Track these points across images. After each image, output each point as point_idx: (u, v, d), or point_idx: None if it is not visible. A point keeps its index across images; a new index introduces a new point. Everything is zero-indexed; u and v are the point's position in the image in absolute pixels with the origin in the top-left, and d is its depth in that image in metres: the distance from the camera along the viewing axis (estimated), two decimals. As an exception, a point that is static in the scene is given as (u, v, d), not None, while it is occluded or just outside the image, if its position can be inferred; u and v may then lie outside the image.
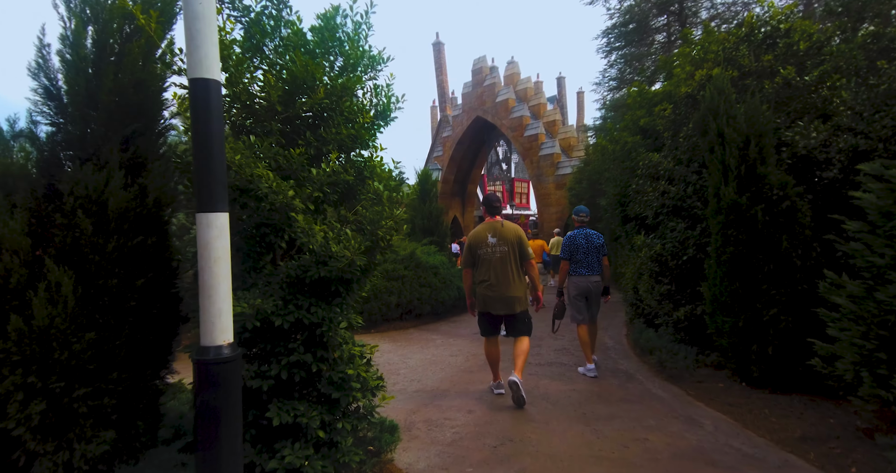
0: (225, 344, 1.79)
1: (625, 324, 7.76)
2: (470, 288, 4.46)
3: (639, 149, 6.64)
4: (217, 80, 1.75)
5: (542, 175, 21.09)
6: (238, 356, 1.85)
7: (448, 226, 10.60)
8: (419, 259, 8.41)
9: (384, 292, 7.46)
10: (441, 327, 7.92)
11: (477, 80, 24.53)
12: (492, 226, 4.26)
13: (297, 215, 2.25)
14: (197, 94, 1.70)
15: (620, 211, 7.56)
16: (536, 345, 6.43)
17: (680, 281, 5.35)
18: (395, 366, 5.48)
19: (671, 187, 5.33)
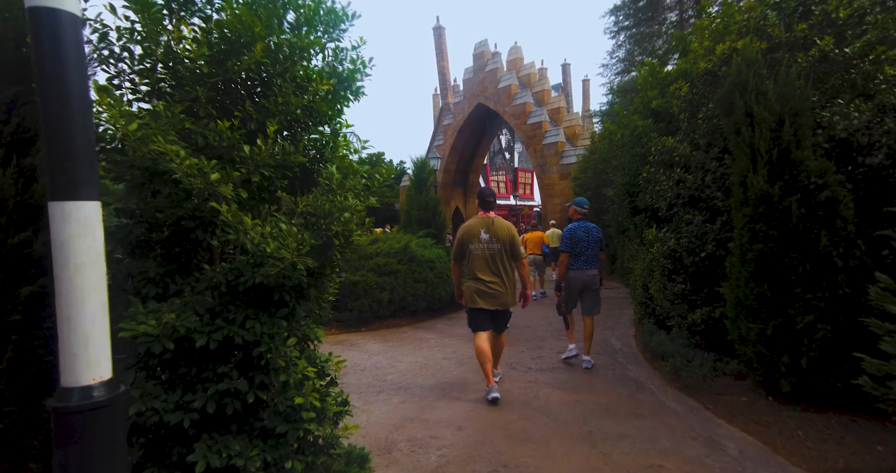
0: (95, 382, 1.30)
1: (632, 324, 7.26)
2: (458, 280, 4.44)
3: (650, 133, 6.08)
4: (74, 14, 1.23)
5: (545, 164, 20.48)
6: (120, 397, 1.35)
7: (446, 218, 10.08)
8: (413, 252, 7.90)
9: (375, 288, 6.97)
10: (436, 325, 7.44)
11: (478, 66, 23.82)
12: (485, 221, 4.22)
13: (222, 205, 1.74)
14: (41, 31, 1.18)
15: (629, 202, 7.01)
16: (537, 347, 5.95)
17: (696, 281, 4.83)
18: (383, 371, 5.00)
19: (687, 175, 4.79)
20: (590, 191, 13.49)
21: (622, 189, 7.23)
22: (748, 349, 3.84)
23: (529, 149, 21.35)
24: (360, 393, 4.33)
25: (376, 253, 7.66)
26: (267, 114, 2.09)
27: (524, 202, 35.39)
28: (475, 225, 4.23)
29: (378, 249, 7.78)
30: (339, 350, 5.86)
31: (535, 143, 20.90)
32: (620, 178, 7.20)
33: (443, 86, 30.04)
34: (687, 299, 4.93)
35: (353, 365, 5.19)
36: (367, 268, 7.25)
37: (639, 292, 6.37)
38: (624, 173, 7.19)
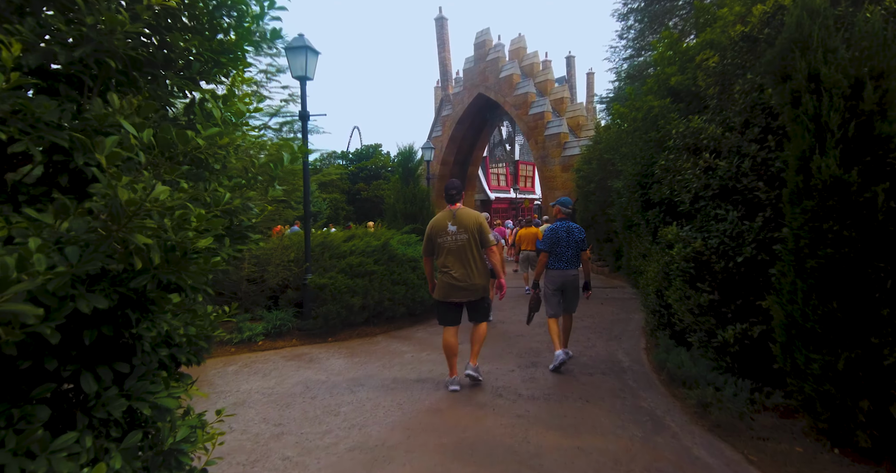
0: None
1: (642, 333, 6.33)
2: (431, 274, 4.47)
3: (669, 115, 5.13)
4: None
5: (547, 156, 19.49)
6: None
7: (434, 211, 9.14)
8: (393, 251, 6.97)
9: (345, 292, 6.04)
10: (416, 333, 6.52)
11: (479, 55, 22.78)
12: (450, 213, 4.25)
13: None
14: None
15: (640, 194, 6.06)
16: (531, 364, 5.02)
17: (728, 290, 3.89)
18: (338, 400, 4.08)
19: (719, 162, 3.84)
20: (593, 184, 12.52)
21: (633, 180, 6.27)
22: (807, 385, 2.91)
23: (530, 141, 20.35)
24: (299, 433, 3.41)
25: (350, 252, 6.73)
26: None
27: (525, 195, 34.38)
28: (441, 218, 4.28)
29: (353, 247, 6.85)
30: (292, 368, 4.94)
31: (536, 135, 19.90)
32: (631, 168, 6.25)
33: (444, 78, 29.07)
34: (716, 312, 4.00)
35: (304, 391, 4.27)
36: (337, 269, 6.33)
37: (651, 299, 5.44)
38: (635, 162, 6.23)
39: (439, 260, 4.25)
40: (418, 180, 8.97)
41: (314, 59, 5.81)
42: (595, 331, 6.52)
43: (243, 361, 5.15)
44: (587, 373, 4.72)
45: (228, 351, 5.43)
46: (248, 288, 6.07)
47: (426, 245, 4.33)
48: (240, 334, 5.52)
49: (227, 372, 4.81)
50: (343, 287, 6.01)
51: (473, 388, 4.32)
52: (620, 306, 8.42)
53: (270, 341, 5.75)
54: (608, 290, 10.41)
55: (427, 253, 4.38)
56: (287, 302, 6.17)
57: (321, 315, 5.86)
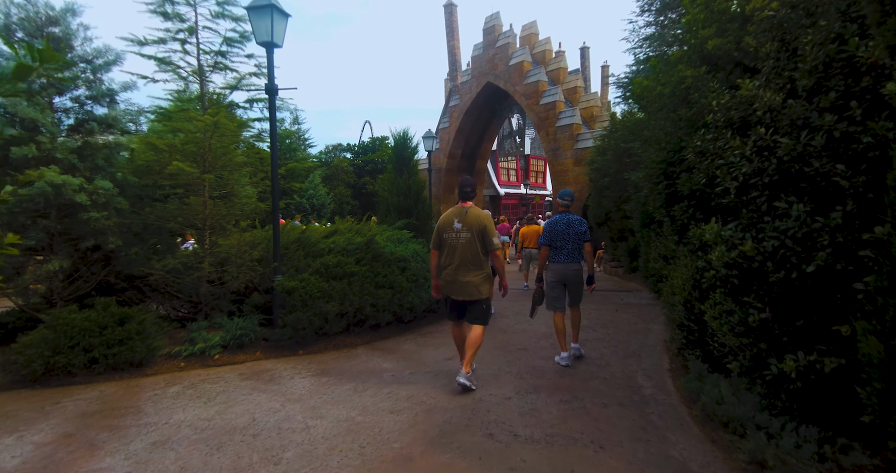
0: None
1: (665, 349, 5.42)
2: (435, 269, 4.43)
3: (705, 86, 4.21)
4: None
5: (558, 149, 18.49)
6: None
7: (431, 205, 8.27)
8: (379, 249, 6.12)
9: (318, 297, 5.20)
10: (403, 344, 5.68)
11: (489, 41, 21.78)
12: (459, 211, 4.25)
13: None
14: None
15: (665, 185, 5.13)
16: (533, 390, 4.16)
17: (786, 308, 2.98)
18: (286, 439, 3.25)
19: (781, 139, 2.92)
20: (608, 177, 11.55)
21: (655, 169, 5.34)
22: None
23: (541, 132, 19.35)
24: (219, 493, 2.59)
25: (328, 250, 5.90)
26: None
27: (536, 191, 33.31)
28: (451, 214, 4.27)
29: (333, 244, 6.01)
30: (245, 390, 4.12)
31: (547, 125, 18.90)
32: (655, 154, 5.31)
33: (452, 68, 28.13)
34: (768, 335, 3.09)
35: (249, 425, 3.45)
36: (311, 270, 5.49)
37: (678, 311, 4.53)
38: (659, 147, 5.30)
39: (443, 255, 4.28)
40: (414, 170, 8.08)
41: (282, 21, 4.97)
42: (609, 345, 5.62)
43: (190, 380, 4.35)
44: (601, 403, 3.84)
45: (177, 367, 4.63)
46: (209, 291, 5.27)
47: (434, 238, 4.36)
48: (191, 346, 4.71)
49: (166, 395, 4.01)
50: (315, 291, 5.18)
51: (460, 419, 3.47)
52: (637, 314, 7.50)
53: (230, 354, 4.94)
54: (623, 294, 9.47)
55: (434, 247, 4.38)
56: (252, 307, 5.36)
57: (289, 323, 5.04)
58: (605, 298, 9.02)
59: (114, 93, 4.99)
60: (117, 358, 4.20)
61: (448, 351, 5.38)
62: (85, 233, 4.58)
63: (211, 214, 5.32)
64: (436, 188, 24.14)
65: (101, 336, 4.14)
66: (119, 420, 3.49)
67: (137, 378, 4.35)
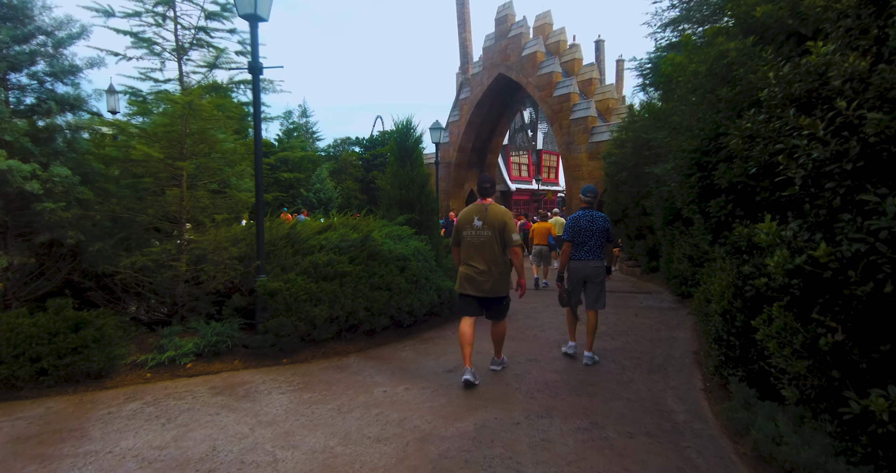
0: None
1: (695, 362, 4.80)
2: (458, 262, 4.35)
3: (751, 61, 3.57)
4: None
5: (572, 143, 17.78)
6: None
7: (436, 200, 7.69)
8: (375, 246, 5.56)
9: (303, 300, 4.65)
10: (401, 352, 5.12)
11: (501, 31, 21.08)
12: (479, 208, 4.22)
13: None
14: None
15: (699, 178, 4.49)
16: (545, 413, 3.57)
17: (870, 329, 2.36)
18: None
19: (870, 114, 2.29)
20: (626, 172, 10.87)
21: (686, 159, 4.69)
22: None
23: (554, 125, 18.65)
24: None
25: (319, 247, 5.35)
26: None
27: (548, 187, 32.54)
28: (470, 211, 4.25)
29: (325, 240, 5.46)
30: (211, 410, 3.59)
31: (561, 118, 18.19)
32: (685, 143, 4.66)
33: (463, 60, 27.51)
34: (843, 362, 2.47)
35: (205, 457, 2.90)
36: (298, 269, 4.95)
37: (715, 323, 3.91)
38: (692, 135, 4.65)
39: (463, 252, 4.25)
40: (417, 161, 7.50)
41: (266, -9, 4.42)
42: (630, 357, 5.01)
43: (154, 395, 3.83)
44: (626, 433, 3.24)
45: (142, 378, 4.12)
46: (186, 292, 4.75)
47: (454, 235, 4.35)
48: (160, 354, 4.19)
49: (121, 413, 3.49)
50: (301, 293, 4.63)
51: (458, 451, 2.90)
52: (659, 319, 6.86)
53: (204, 363, 4.42)
54: (641, 297, 8.81)
55: (454, 244, 4.38)
56: (233, 310, 4.82)
57: (270, 329, 4.50)
58: (624, 300, 8.38)
59: (77, 69, 4.47)
60: (70, 370, 3.70)
61: (450, 361, 4.81)
62: (40, 226, 4.08)
63: (189, 207, 4.79)
64: (444, 183, 23.55)
65: (50, 344, 3.64)
66: (55, 448, 2.97)
67: (94, 391, 3.84)
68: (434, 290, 6.11)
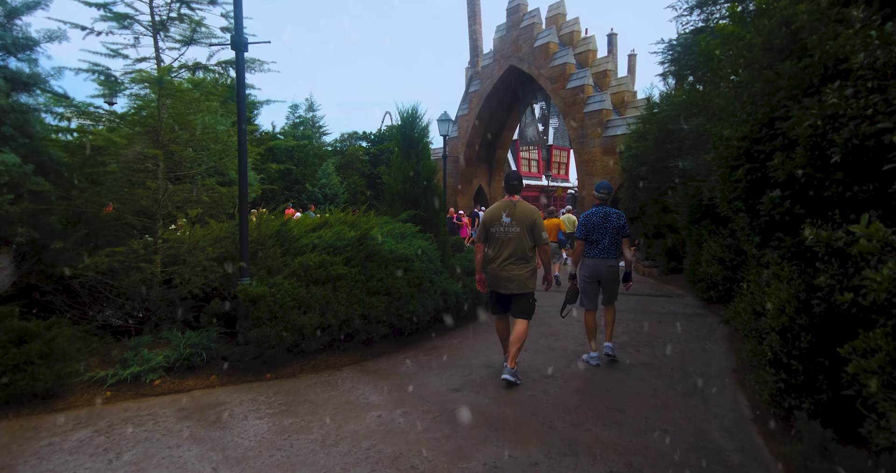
0: None
1: (738, 384, 4.18)
2: (480, 263, 4.33)
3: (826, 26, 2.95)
4: None
5: (586, 137, 17.08)
6: None
7: (442, 194, 7.09)
8: (374, 246, 4.99)
9: (291, 307, 4.09)
10: (400, 366, 4.55)
11: (512, 21, 20.37)
12: (507, 205, 4.18)
13: None
14: None
15: (748, 170, 3.86)
16: (569, 451, 2.99)
17: None
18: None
19: None
20: (645, 166, 10.20)
21: (733, 149, 4.06)
22: None
23: (567, 119, 17.95)
24: None
25: (312, 247, 4.79)
26: None
27: (558, 183, 31.82)
28: (498, 208, 4.20)
29: (319, 239, 4.90)
30: (171, 440, 3.03)
31: (574, 111, 17.48)
32: (732, 130, 4.03)
33: (473, 53, 26.86)
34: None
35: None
36: (286, 272, 4.39)
37: (772, 342, 3.30)
38: (738, 120, 4.02)
39: (490, 249, 4.24)
40: (423, 153, 6.91)
41: (245, -48, 3.86)
42: (661, 374, 4.40)
43: (109, 420, 3.29)
44: None
45: (101, 397, 3.58)
46: (159, 296, 4.21)
47: (480, 232, 4.32)
48: (122, 369, 3.65)
49: (64, 445, 2.95)
50: (288, 299, 4.07)
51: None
52: (686, 327, 6.23)
53: (176, 379, 3.87)
54: (663, 301, 8.17)
55: (480, 240, 4.34)
56: (212, 317, 4.28)
57: (252, 340, 3.94)
58: (644, 305, 7.76)
59: (34, 43, 3.91)
60: (11, 390, 3.17)
61: (456, 378, 4.24)
62: (-18, 221, 3.56)
63: (165, 201, 4.25)
64: (452, 178, 22.95)
65: (-14, 360, 3.12)
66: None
67: (41, 415, 3.31)
68: (439, 294, 5.53)
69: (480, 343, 5.41)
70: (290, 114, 25.70)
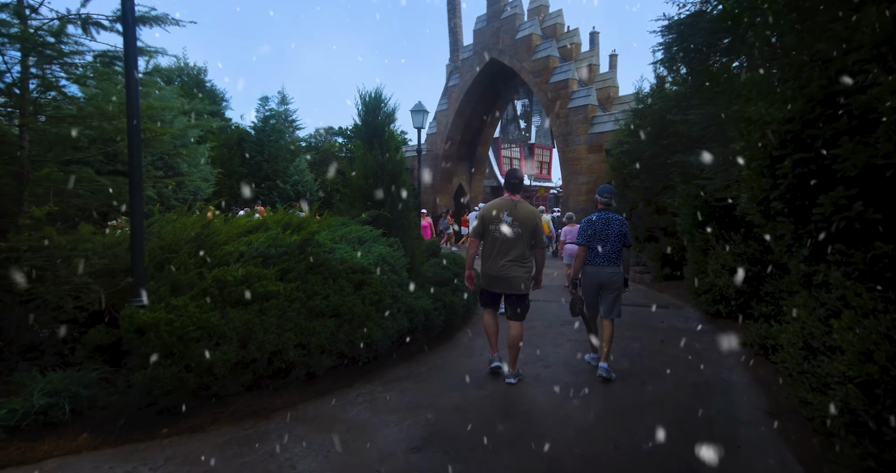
0: None
1: (779, 436, 3.29)
2: (472, 259, 4.24)
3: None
4: None
5: (570, 134, 16.28)
6: None
7: (410, 193, 6.09)
8: (320, 253, 3.97)
9: (197, 338, 3.05)
10: (350, 408, 3.55)
11: (493, 12, 19.46)
12: (508, 203, 4.10)
13: None
14: None
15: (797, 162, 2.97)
16: None
17: None
18: None
19: None
20: (643, 162, 9.36)
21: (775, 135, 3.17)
22: None
23: (551, 115, 17.12)
24: None
25: (238, 256, 3.75)
26: None
27: (540, 183, 31.06)
28: (499, 206, 4.11)
29: (247, 245, 3.86)
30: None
31: (558, 107, 16.65)
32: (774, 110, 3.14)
33: (453, 48, 25.91)
34: None
35: None
36: (196, 290, 3.35)
37: (848, 395, 2.39)
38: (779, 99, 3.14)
39: (486, 247, 4.14)
40: (389, 144, 5.91)
41: None
42: (677, 419, 3.49)
43: None
44: None
45: None
46: (15, 320, 3.12)
47: (477, 227, 4.15)
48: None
49: None
50: (191, 328, 3.02)
51: None
52: (693, 348, 5.37)
53: (26, 442, 2.80)
54: (661, 313, 7.31)
55: (476, 235, 4.16)
56: (91, 351, 3.20)
57: (137, 384, 2.89)
58: (640, 318, 6.89)
59: None
60: None
61: (420, 427, 3.26)
62: None
63: (25, 194, 3.15)
64: (430, 176, 21.94)
65: None
66: None
67: None
68: (404, 312, 4.55)
69: (454, 371, 4.45)
70: (260, 107, 24.34)
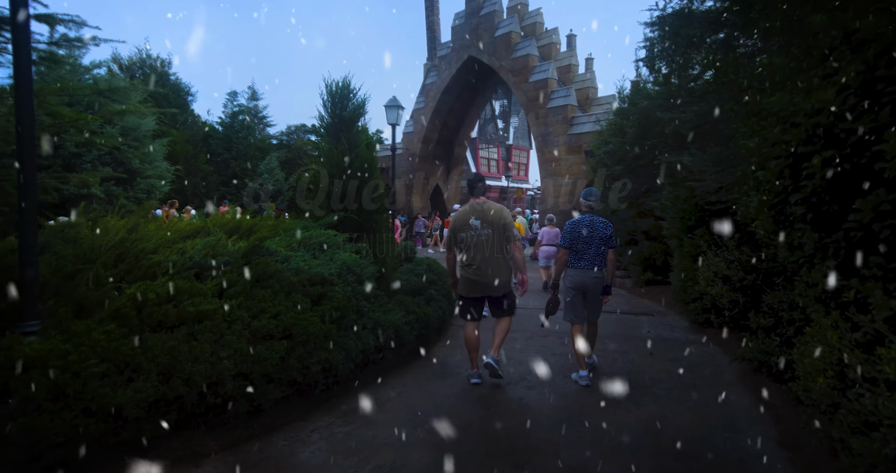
0: None
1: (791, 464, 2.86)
2: (452, 268, 4.26)
3: None
4: None
5: (549, 134, 15.94)
6: None
7: (384, 195, 5.52)
8: (269, 263, 3.38)
9: (99, 374, 2.44)
10: (303, 448, 2.97)
11: (472, 8, 19.02)
12: (474, 208, 4.13)
13: None
14: None
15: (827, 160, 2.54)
16: None
17: None
18: None
19: None
20: (621, 165, 9.00)
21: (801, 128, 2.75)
22: None
23: (529, 115, 16.76)
24: None
25: (169, 267, 3.13)
26: None
27: (517, 184, 30.80)
28: (464, 213, 4.16)
29: (179, 254, 3.24)
30: None
31: (537, 107, 16.31)
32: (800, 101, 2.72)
33: (431, 45, 25.44)
34: None
35: None
36: (109, 309, 2.73)
37: None
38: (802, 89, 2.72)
39: (462, 255, 4.13)
40: (357, 137, 5.34)
41: None
42: (677, 450, 3.03)
43: None
44: None
45: None
46: None
47: (448, 239, 4.22)
48: None
49: None
50: (92, 362, 2.41)
51: None
52: (684, 361, 4.96)
53: None
54: (645, 320, 6.93)
55: (449, 248, 4.22)
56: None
57: (14, 434, 2.26)
58: (624, 326, 6.50)
59: None
60: None
61: (385, 465, 2.71)
62: None
63: None
64: (406, 176, 21.36)
65: None
66: None
67: None
68: (370, 329, 3.99)
69: (426, 394, 3.92)
70: (228, 102, 23.30)
